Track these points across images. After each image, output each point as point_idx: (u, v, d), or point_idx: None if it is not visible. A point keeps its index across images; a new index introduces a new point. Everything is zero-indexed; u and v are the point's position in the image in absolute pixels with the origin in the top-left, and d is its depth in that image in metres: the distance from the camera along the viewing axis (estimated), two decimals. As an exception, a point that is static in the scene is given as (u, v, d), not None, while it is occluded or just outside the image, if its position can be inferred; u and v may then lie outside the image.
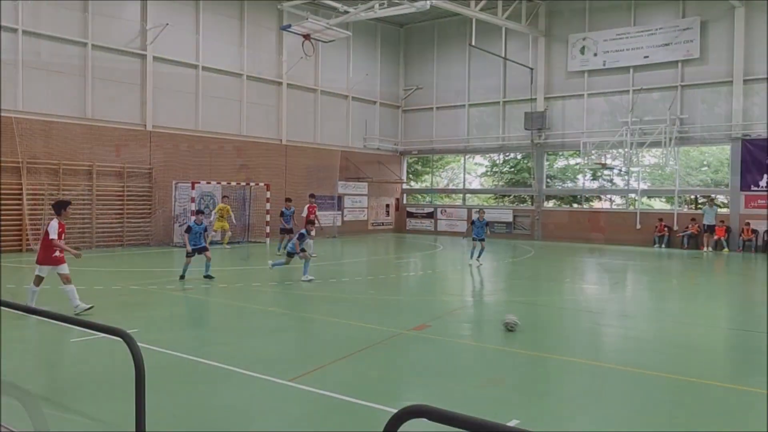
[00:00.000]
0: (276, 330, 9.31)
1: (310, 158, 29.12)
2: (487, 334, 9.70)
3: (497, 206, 32.31)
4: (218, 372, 6.95)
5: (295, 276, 14.82)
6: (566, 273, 17.65)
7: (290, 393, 6.27)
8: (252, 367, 7.04)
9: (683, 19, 25.79)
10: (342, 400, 6.01)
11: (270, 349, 8.10)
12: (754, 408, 6.13)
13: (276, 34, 27.58)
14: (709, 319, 11.28)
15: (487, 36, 29.17)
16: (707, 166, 27.91)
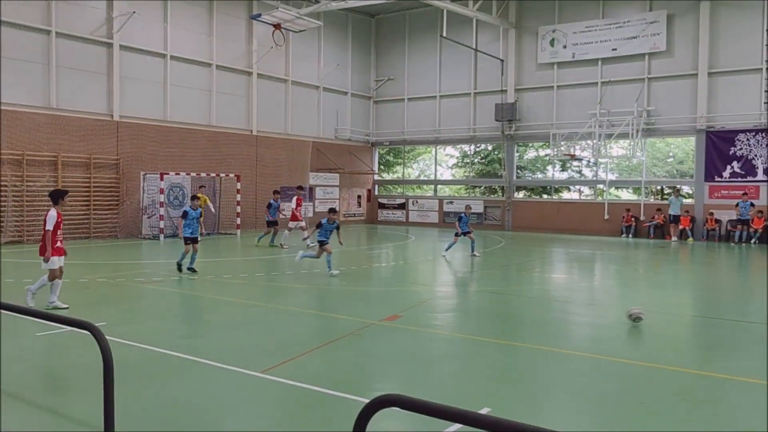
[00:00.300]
0: (247, 322, 9.26)
1: (281, 149, 28.93)
2: (459, 324, 9.78)
3: (468, 197, 32.52)
4: (189, 365, 6.89)
5: (266, 268, 14.73)
6: (536, 263, 17.86)
7: (262, 385, 6.25)
8: (223, 359, 7.00)
9: (650, 13, 26.18)
10: (314, 391, 6.01)
11: (241, 341, 8.05)
12: (720, 393, 6.30)
13: (246, 23, 27.28)
14: (674, 306, 11.53)
15: (458, 27, 29.25)
16: (673, 157, 28.46)
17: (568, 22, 28.10)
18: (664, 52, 25.97)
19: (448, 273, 15.78)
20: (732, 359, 7.61)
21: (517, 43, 29.63)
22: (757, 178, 24.29)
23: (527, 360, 7.45)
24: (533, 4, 29.20)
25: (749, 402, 5.98)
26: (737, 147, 24.65)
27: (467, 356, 7.65)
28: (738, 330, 9.34)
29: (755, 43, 24.15)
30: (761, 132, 24.12)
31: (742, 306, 11.51)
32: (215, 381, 6.37)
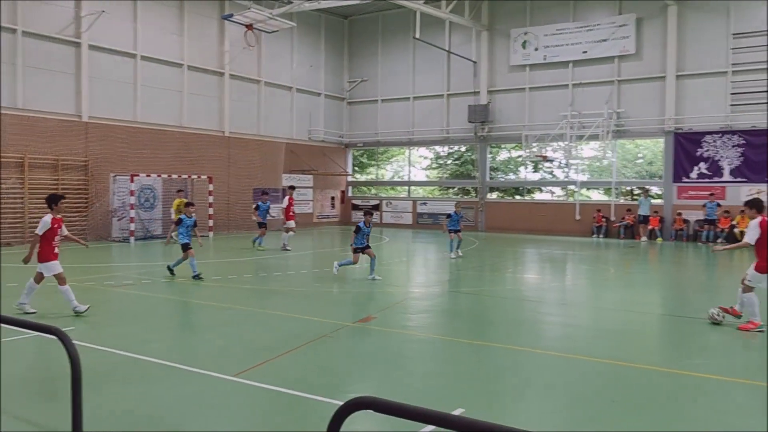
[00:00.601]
0: (220, 325, 9.17)
1: (254, 150, 28.73)
2: (433, 325, 9.80)
3: (442, 198, 32.64)
4: (160, 369, 6.79)
5: (239, 270, 14.61)
6: (509, 263, 18.00)
7: (235, 388, 6.19)
8: (195, 363, 6.92)
9: (620, 16, 26.57)
10: (288, 394, 5.97)
11: (214, 344, 7.96)
12: (690, 390, 6.40)
13: (218, 23, 27.04)
14: (644, 305, 11.71)
15: (431, 29, 29.36)
16: (642, 158, 28.91)
17: (539, 24, 28.39)
18: (634, 55, 26.39)
19: (422, 274, 15.81)
20: (701, 357, 7.74)
21: (490, 45, 29.84)
22: (723, 179, 24.80)
23: (501, 360, 7.50)
24: (505, 6, 29.45)
25: (720, 399, 6.10)
26: (704, 148, 25.14)
27: (441, 357, 7.67)
28: (706, 328, 9.51)
29: (721, 47, 24.66)
30: (727, 134, 24.64)
31: (709, 304, 11.71)
32: (186, 385, 6.29)
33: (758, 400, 6.04)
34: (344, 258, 14.20)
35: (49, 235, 9.35)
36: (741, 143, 24.46)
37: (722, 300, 12.09)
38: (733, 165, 24.66)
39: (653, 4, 25.60)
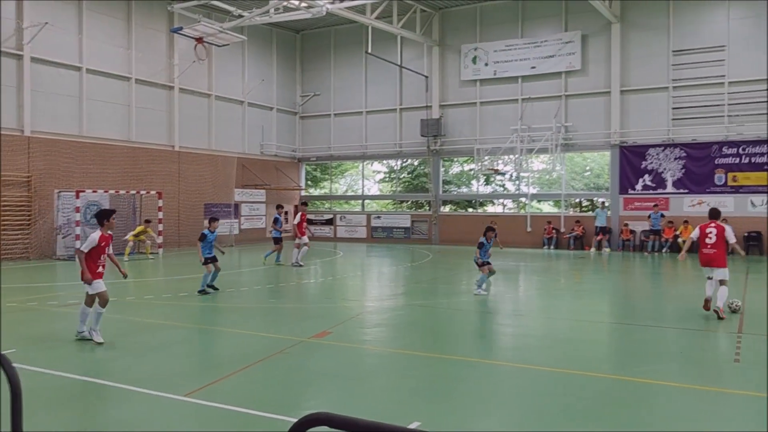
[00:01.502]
0: (171, 344, 8.92)
1: (205, 165, 28.29)
2: (388, 338, 9.76)
3: (395, 212, 32.74)
4: (108, 391, 6.55)
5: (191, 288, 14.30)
6: (462, 276, 18.13)
7: (186, 409, 6.01)
8: (145, 383, 6.70)
9: (566, 33, 27.31)
10: (241, 413, 5.84)
11: (164, 364, 7.74)
12: (640, 396, 6.52)
13: (166, 36, 26.64)
14: (594, 314, 11.94)
15: (383, 44, 29.58)
16: (590, 171, 29.64)
17: (489, 40, 28.94)
18: (580, 70, 27.13)
19: (377, 288, 15.77)
20: (649, 363, 7.91)
21: (441, 60, 30.24)
22: (667, 190, 25.64)
23: (456, 372, 7.51)
24: (455, 22, 29.92)
25: (669, 404, 6.23)
26: (648, 161, 25.96)
27: (397, 371, 7.63)
28: (654, 335, 9.75)
29: (662, 63, 25.59)
30: (669, 146, 25.52)
31: (656, 312, 12.04)
32: (134, 407, 6.08)
33: (710, 405, 6.20)
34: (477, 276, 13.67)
35: (95, 253, 8.73)
36: (682, 156, 25.35)
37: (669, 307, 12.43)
38: (675, 177, 25.53)
39: (597, 21, 26.41)
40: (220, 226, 15.62)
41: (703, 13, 25.04)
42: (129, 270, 18.46)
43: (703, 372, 7.45)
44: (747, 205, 24.36)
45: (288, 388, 6.79)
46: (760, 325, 10.17)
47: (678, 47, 25.33)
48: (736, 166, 24.51)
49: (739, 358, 7.96)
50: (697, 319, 10.84)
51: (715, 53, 24.76)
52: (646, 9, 25.86)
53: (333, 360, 7.96)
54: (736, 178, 24.52)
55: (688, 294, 13.30)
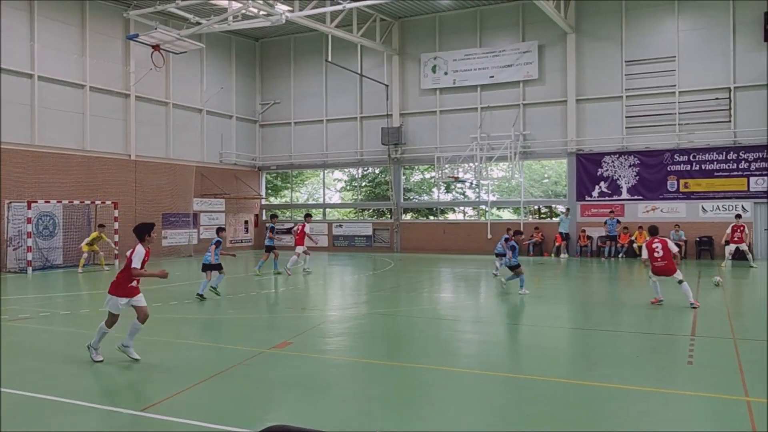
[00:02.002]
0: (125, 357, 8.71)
1: (162, 174, 27.81)
2: (350, 348, 9.72)
3: (357, 220, 32.71)
4: (60, 407, 6.35)
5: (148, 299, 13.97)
6: (424, 283, 18.21)
7: (143, 424, 5.87)
8: (100, 399, 6.53)
9: (523, 43, 27.78)
10: (199, 427, 5.72)
11: (120, 378, 7.55)
12: (600, 400, 6.63)
13: (122, 43, 26.18)
14: (555, 320, 12.11)
15: (343, 52, 29.61)
16: (548, 178, 30.15)
17: (448, 49, 29.24)
18: (537, 80, 27.61)
19: (339, 297, 15.71)
20: (607, 367, 8.05)
21: (401, 69, 30.42)
22: (622, 197, 26.25)
23: (418, 380, 7.51)
24: (415, 32, 30.16)
25: (625, 407, 6.35)
26: (604, 168, 26.55)
27: (359, 380, 7.60)
28: (611, 339, 9.94)
29: (616, 73, 26.25)
30: (624, 154, 26.15)
31: (613, 317, 12.29)
32: (91, 422, 5.91)
33: (663, 406, 6.33)
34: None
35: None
36: (636, 163, 26.00)
37: (625, 312, 12.70)
38: (630, 184, 26.15)
39: (553, 32, 26.95)
40: (179, 236, 15.42)
41: (654, 25, 25.80)
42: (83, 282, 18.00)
43: (657, 374, 7.62)
44: (698, 210, 25.10)
45: (248, 400, 6.69)
46: (711, 328, 10.47)
47: (630, 57, 26.03)
48: (687, 173, 25.25)
49: (692, 361, 8.17)
50: (652, 323, 11.10)
51: (665, 63, 25.52)
52: (599, 20, 26.51)
53: (294, 371, 7.88)
54: (687, 185, 25.26)
55: (643, 299, 13.61)
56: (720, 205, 24.74)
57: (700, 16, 25.11)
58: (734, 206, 24.51)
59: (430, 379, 7.49)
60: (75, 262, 22.92)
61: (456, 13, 29.17)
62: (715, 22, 24.80)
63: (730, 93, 24.60)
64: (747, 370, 7.58)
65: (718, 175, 24.81)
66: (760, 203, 24.38)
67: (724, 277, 17.55)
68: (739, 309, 13.17)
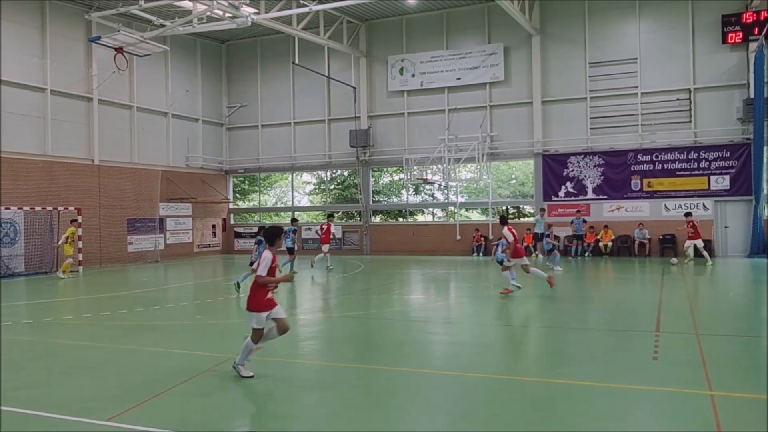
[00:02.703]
0: (91, 366, 8.53)
1: (127, 179, 27.36)
2: (321, 351, 9.68)
3: (326, 223, 32.53)
4: (23, 419, 6.19)
5: (113, 306, 13.75)
6: (394, 285, 18.23)
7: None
8: (64, 409, 6.37)
9: (489, 45, 28.04)
10: (168, 436, 5.63)
11: (85, 388, 7.38)
12: (566, 398, 6.70)
13: (84, 46, 25.70)
14: (522, 319, 12.22)
15: (310, 54, 29.50)
16: (515, 179, 30.46)
17: (415, 51, 29.36)
18: (503, 81, 27.90)
19: (309, 300, 15.63)
20: (574, 365, 8.16)
21: (368, 71, 30.44)
22: (588, 197, 26.67)
23: (388, 382, 7.51)
24: (382, 34, 30.21)
25: (592, 404, 6.43)
26: (570, 169, 26.94)
27: (330, 384, 7.56)
28: (578, 337, 10.07)
29: (580, 75, 26.68)
30: (589, 155, 26.58)
31: (580, 315, 12.45)
32: (53, 435, 5.77)
33: (630, 402, 6.43)
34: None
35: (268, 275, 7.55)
36: (601, 163, 26.44)
37: (592, 309, 12.89)
38: (595, 183, 26.58)
39: (518, 34, 27.25)
40: (144, 242, 15.10)
41: (617, 27, 26.29)
42: (49, 289, 17.60)
43: (623, 371, 7.74)
44: (661, 209, 25.63)
45: (216, 408, 6.61)
46: (676, 324, 10.69)
47: (594, 59, 26.47)
48: (650, 173, 25.77)
49: (657, 356, 8.32)
50: (617, 321, 11.29)
51: (628, 65, 26.03)
52: (563, 22, 26.90)
53: (263, 376, 7.80)
54: (650, 184, 25.77)
55: (609, 296, 13.83)
56: (682, 204, 25.29)
57: (660, 18, 25.66)
58: (696, 205, 25.10)
59: (400, 382, 7.49)
60: (38, 269, 22.43)
61: (423, 15, 29.31)
62: (675, 24, 25.38)
63: (691, 94, 25.20)
64: (710, 365, 7.75)
65: (679, 175, 25.38)
66: (720, 201, 25.01)
67: (685, 269, 17.92)
68: (701, 305, 13.45)
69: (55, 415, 6.21)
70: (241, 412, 6.51)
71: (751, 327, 10.91)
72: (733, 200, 24.81)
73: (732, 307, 13.14)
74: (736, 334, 10.30)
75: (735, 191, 24.68)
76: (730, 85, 24.68)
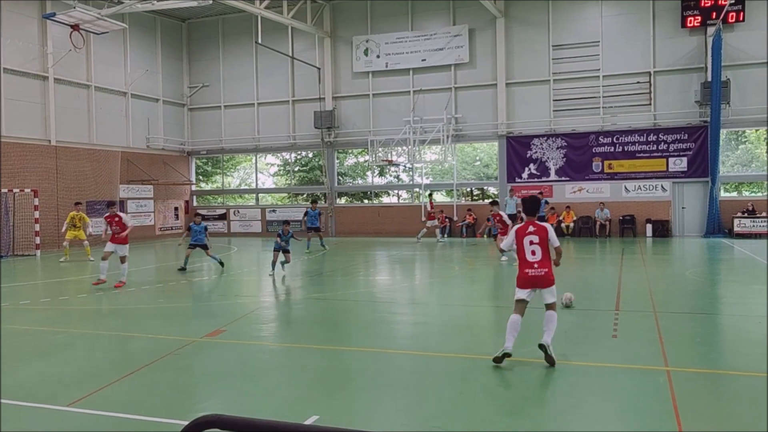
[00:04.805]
0: (50, 351, 8.36)
1: (85, 160, 26.69)
2: (285, 333, 9.66)
3: (291, 205, 32.39)
4: (-23, 407, 6.03)
5: (72, 291, 13.46)
6: (360, 267, 18.25)
7: (69, 419, 5.66)
8: (21, 396, 6.24)
9: (454, 27, 28.01)
10: (129, 420, 5.57)
11: (43, 373, 7.23)
12: (529, 375, 6.82)
13: (39, 22, 24.85)
14: (487, 299, 12.37)
15: (274, 34, 29.07)
16: (480, 161, 30.66)
17: (380, 32, 29.17)
18: (468, 63, 27.94)
19: (273, 283, 15.55)
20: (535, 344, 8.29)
21: (333, 52, 30.15)
22: (550, 178, 27.02)
23: (354, 363, 7.54)
24: (347, 14, 29.91)
25: (556, 380, 6.56)
26: (533, 151, 27.22)
27: (294, 366, 7.56)
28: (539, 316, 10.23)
29: (543, 58, 26.87)
30: (552, 137, 26.89)
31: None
32: (13, 421, 5.65)
33: (593, 379, 6.58)
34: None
35: (520, 247, 7.37)
36: (563, 145, 26.78)
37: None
38: (557, 165, 26.93)
39: (483, 16, 27.28)
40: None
41: (580, 11, 26.51)
42: (5, 273, 17.12)
43: (583, 349, 7.91)
44: (621, 190, 26.13)
45: (179, 391, 6.55)
46: (635, 303, 10.95)
47: (557, 42, 26.68)
48: (611, 155, 26.21)
49: (617, 334, 8.52)
50: (578, 300, 11.50)
51: (590, 48, 26.30)
52: (527, 5, 27.00)
53: (227, 359, 7.76)
54: (611, 166, 26.22)
55: (571, 276, 14.08)
56: (641, 185, 25.83)
57: (622, 2, 25.94)
58: (654, 186, 25.65)
59: (365, 362, 7.52)
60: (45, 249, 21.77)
61: (387, -5, 29.06)
62: (636, 8, 25.70)
63: (651, 77, 25.62)
64: (667, 342, 7.97)
65: (639, 156, 25.88)
66: (678, 183, 25.60)
67: (644, 249, 18.30)
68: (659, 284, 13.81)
69: (11, 402, 6.07)
70: (204, 395, 6.46)
71: (706, 305, 11.26)
72: (690, 182, 25.43)
73: (688, 286, 13.51)
74: (692, 311, 10.61)
75: (692, 173, 25.29)
76: (689, 68, 25.16)
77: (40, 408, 5.93)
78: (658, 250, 20.78)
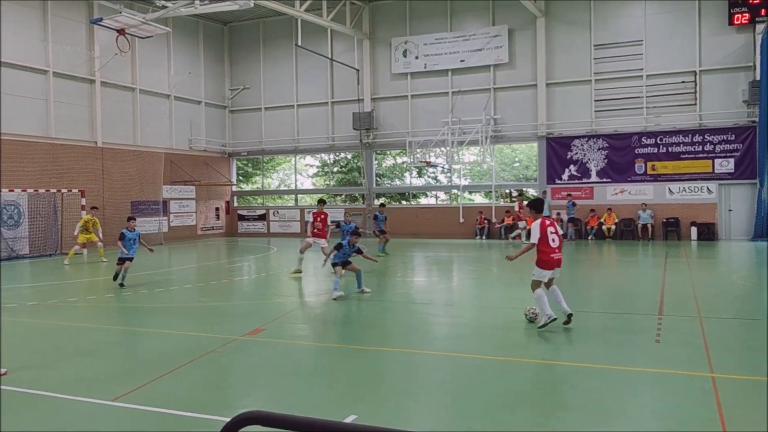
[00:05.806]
0: (96, 347, 8.60)
1: (130, 161, 27.34)
2: (323, 333, 9.73)
3: (330, 206, 32.57)
4: (31, 399, 6.25)
5: (116, 289, 13.81)
6: (397, 268, 18.26)
7: (115, 413, 5.82)
8: (69, 389, 6.43)
9: (493, 27, 27.81)
10: (172, 415, 5.69)
11: (90, 368, 7.45)
12: (568, 378, 6.74)
13: (86, 27, 25.56)
14: (524, 302, 12.23)
15: (313, 36, 29.33)
16: (519, 162, 30.36)
17: (419, 34, 29.15)
18: (507, 64, 27.70)
19: (312, 283, 15.68)
20: (577, 347, 8.19)
21: (372, 54, 30.25)
22: (591, 180, 26.59)
23: (392, 364, 7.55)
24: (385, 16, 29.99)
25: (596, 385, 6.46)
26: (573, 152, 26.83)
27: (333, 365, 7.61)
28: (581, 320, 10.08)
29: (585, 57, 26.46)
30: (593, 138, 26.46)
31: (582, 297, 12.48)
32: (61, 414, 5.84)
33: (632, 384, 6.47)
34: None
35: (543, 241, 9.07)
36: (605, 146, 26.33)
37: (594, 293, 12.89)
38: (599, 167, 26.49)
39: (523, 16, 27.02)
40: (148, 224, 15.19)
41: (622, 9, 26.03)
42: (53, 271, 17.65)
43: (625, 353, 7.77)
44: (665, 192, 25.55)
45: (221, 388, 6.67)
46: (678, 307, 10.70)
47: (599, 41, 26.24)
48: (654, 156, 25.65)
49: (660, 339, 8.35)
50: (620, 304, 11.31)
51: (633, 47, 25.80)
52: (569, 4, 26.64)
53: (267, 357, 7.86)
54: (654, 167, 25.67)
55: (612, 280, 13.85)
56: (686, 187, 25.22)
57: (666, 0, 25.37)
58: (699, 188, 25.03)
59: (402, 363, 7.53)
60: (42, 252, 22.52)
61: (426, -4, 29.04)
62: (681, 6, 25.10)
63: (696, 76, 25.00)
64: (712, 347, 7.77)
65: (684, 158, 25.26)
66: (724, 184, 24.91)
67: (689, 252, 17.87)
68: (703, 288, 13.46)
69: (60, 395, 6.27)
70: (244, 392, 6.56)
71: (753, 310, 10.93)
72: (738, 183, 24.71)
73: (734, 290, 13.15)
74: (738, 316, 10.32)
75: (739, 174, 24.57)
76: (736, 67, 24.46)
77: (86, 402, 6.10)
78: (703, 253, 20.26)
